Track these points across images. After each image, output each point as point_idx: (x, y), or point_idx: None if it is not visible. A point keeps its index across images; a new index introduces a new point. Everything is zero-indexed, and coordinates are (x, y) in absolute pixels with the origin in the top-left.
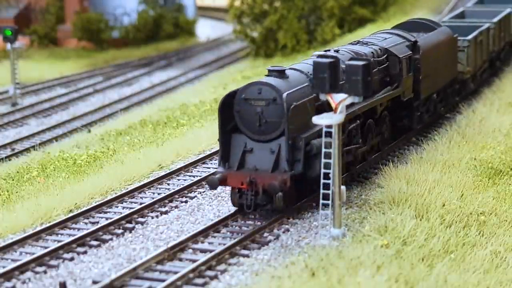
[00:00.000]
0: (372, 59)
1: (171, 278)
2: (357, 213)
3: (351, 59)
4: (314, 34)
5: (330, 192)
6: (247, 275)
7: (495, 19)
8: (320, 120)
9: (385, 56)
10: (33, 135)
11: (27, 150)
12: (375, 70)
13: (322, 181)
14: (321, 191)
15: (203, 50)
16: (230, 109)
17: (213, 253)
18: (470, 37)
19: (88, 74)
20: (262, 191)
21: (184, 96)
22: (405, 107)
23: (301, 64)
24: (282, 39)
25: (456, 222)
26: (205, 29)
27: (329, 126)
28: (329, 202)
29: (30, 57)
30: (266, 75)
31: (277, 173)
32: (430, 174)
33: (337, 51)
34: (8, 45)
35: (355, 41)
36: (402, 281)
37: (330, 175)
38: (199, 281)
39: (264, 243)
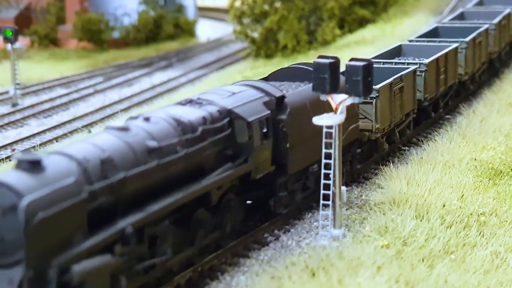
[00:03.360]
0: (201, 127)
1: None
2: (358, 214)
3: (351, 58)
4: (314, 34)
5: (330, 192)
6: (248, 276)
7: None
8: (321, 120)
9: (226, 120)
10: (33, 135)
11: (27, 150)
12: (207, 141)
13: (322, 181)
14: (322, 191)
15: (203, 50)
16: None
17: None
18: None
19: (88, 74)
20: None
21: (185, 96)
22: (265, 186)
23: (79, 145)
24: (282, 40)
25: (456, 222)
26: (206, 30)
27: (330, 127)
28: (330, 202)
29: (30, 58)
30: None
31: None
32: (431, 174)
33: (147, 119)
34: (9, 46)
35: (186, 100)
36: (402, 281)
37: (331, 176)
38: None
39: (265, 243)
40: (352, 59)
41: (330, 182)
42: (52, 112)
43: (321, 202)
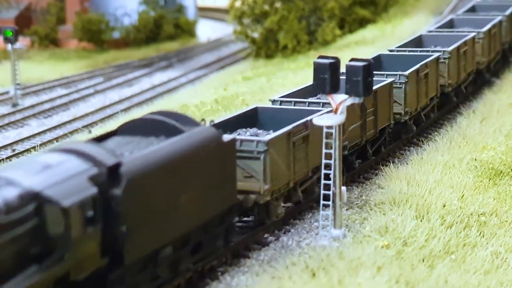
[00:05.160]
0: None
1: None
2: (358, 214)
3: (352, 59)
4: (314, 35)
5: (330, 193)
6: (248, 276)
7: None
8: (321, 121)
9: (32, 206)
10: (33, 135)
11: (27, 151)
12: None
13: (322, 181)
14: (322, 192)
15: (203, 51)
16: None
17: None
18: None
19: (88, 74)
20: None
21: (185, 97)
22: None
23: None
24: (282, 40)
25: (456, 223)
26: (206, 30)
27: (330, 127)
28: (330, 203)
29: (30, 58)
30: None
31: None
32: (431, 174)
33: None
34: (9, 46)
35: None
36: (402, 281)
37: (331, 176)
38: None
39: (265, 243)
40: (352, 59)
41: (330, 182)
42: (52, 112)
43: (321, 202)
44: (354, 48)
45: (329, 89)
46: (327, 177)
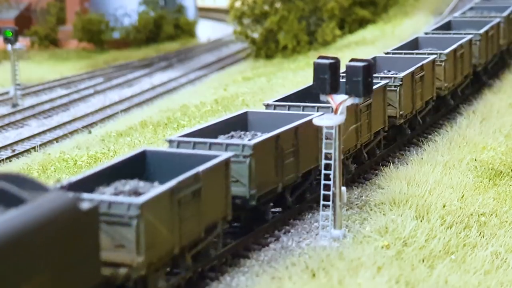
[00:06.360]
0: None
1: None
2: (358, 214)
3: (352, 59)
4: (314, 35)
5: (330, 193)
6: (248, 276)
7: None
8: (321, 121)
9: None
10: (33, 136)
11: (27, 151)
12: None
13: (322, 182)
14: (322, 192)
15: (203, 51)
16: None
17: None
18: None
19: (88, 75)
20: None
21: (185, 97)
22: None
23: None
24: (282, 40)
25: (456, 223)
26: (206, 30)
27: (330, 127)
28: (330, 203)
29: (30, 58)
30: None
31: None
32: (431, 175)
33: None
34: (9, 46)
35: None
36: (402, 282)
37: (331, 176)
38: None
39: (265, 244)
40: (352, 60)
41: (330, 182)
42: (53, 112)
43: (321, 202)
44: (354, 48)
45: (329, 89)
46: (327, 177)
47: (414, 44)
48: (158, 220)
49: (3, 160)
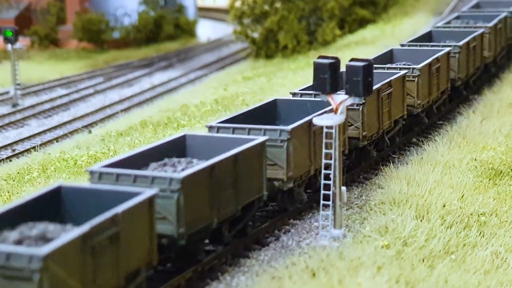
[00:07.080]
0: None
1: None
2: (358, 214)
3: (352, 59)
4: (314, 35)
5: (330, 193)
6: (248, 276)
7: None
8: (321, 121)
9: None
10: (33, 135)
11: (27, 151)
12: None
13: (322, 182)
14: (322, 192)
15: (203, 51)
16: None
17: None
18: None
19: (88, 75)
20: None
21: (185, 97)
22: None
23: None
24: (282, 40)
25: (456, 223)
26: (206, 30)
27: (330, 127)
28: (330, 203)
29: (30, 58)
30: None
31: None
32: (431, 175)
33: None
34: (9, 46)
35: None
36: (402, 281)
37: (331, 176)
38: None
39: (265, 243)
40: (352, 60)
41: (330, 182)
42: (53, 112)
43: (322, 202)
44: (354, 48)
45: (329, 89)
46: (327, 177)
47: (388, 57)
48: (67, 272)
49: (3, 159)
